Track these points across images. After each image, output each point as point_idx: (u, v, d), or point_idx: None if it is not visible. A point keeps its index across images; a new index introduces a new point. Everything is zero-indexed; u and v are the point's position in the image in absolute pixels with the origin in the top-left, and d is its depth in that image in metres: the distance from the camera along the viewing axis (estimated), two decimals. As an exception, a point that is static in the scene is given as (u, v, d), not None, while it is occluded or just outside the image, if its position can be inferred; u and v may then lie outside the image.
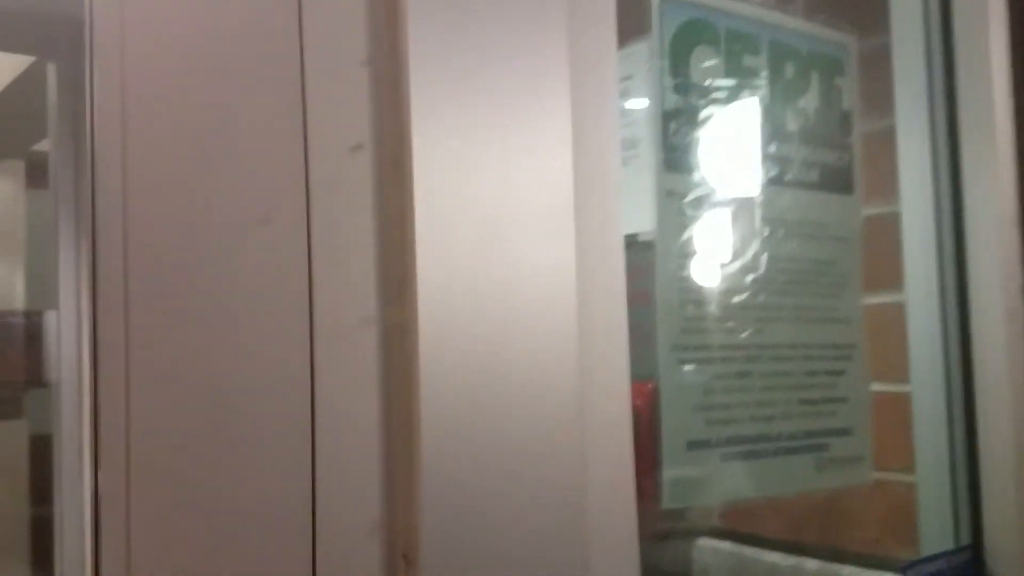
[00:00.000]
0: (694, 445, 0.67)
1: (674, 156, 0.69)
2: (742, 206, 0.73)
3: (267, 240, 0.42)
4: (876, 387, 0.96)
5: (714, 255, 0.71)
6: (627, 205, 0.74)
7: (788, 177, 0.76)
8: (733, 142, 0.73)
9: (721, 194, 0.72)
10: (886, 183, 0.96)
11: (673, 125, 0.69)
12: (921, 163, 0.93)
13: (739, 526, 1.14)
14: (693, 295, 0.68)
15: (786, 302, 0.74)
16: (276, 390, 0.42)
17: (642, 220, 0.68)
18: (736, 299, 0.71)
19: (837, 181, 0.80)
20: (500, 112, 0.48)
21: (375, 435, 0.43)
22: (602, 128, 0.53)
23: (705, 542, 1.18)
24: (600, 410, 0.51)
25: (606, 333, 0.53)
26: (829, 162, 0.79)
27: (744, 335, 0.71)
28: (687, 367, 0.67)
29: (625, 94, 0.99)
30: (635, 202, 0.67)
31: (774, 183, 0.75)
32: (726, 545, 1.16)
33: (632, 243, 0.67)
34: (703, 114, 0.70)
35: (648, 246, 0.67)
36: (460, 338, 0.45)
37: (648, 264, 0.67)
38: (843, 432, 0.77)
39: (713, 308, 0.69)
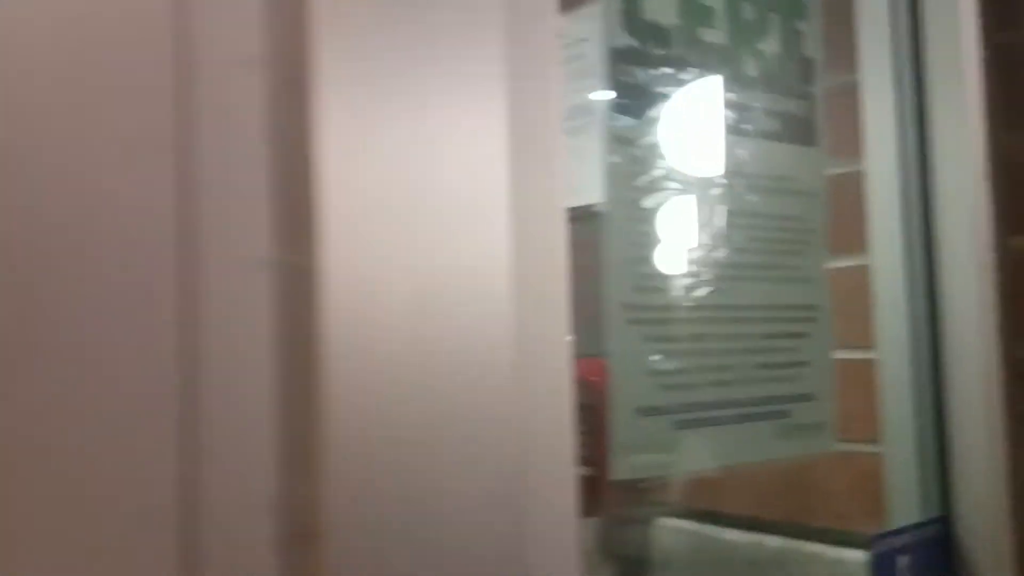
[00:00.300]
0: (645, 411, 0.61)
1: (627, 106, 0.63)
2: (699, 159, 0.67)
3: (137, 171, 0.36)
4: (841, 355, 0.92)
5: (669, 210, 0.65)
6: (584, 174, 0.69)
7: (748, 127, 0.71)
8: (689, 91, 0.67)
9: (676, 147, 0.66)
10: (850, 141, 0.92)
11: (625, 80, 0.63)
12: (887, 119, 0.88)
13: (699, 503, 1.10)
14: (645, 252, 0.63)
15: (746, 260, 0.69)
16: (148, 344, 0.35)
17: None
18: (692, 256, 0.66)
19: (800, 132, 0.75)
20: (425, 43, 0.42)
21: (271, 397, 0.37)
22: (542, 88, 0.48)
23: (664, 521, 1.13)
24: (539, 380, 0.46)
25: (544, 298, 0.47)
26: (791, 112, 0.74)
27: (701, 294, 0.66)
28: (638, 328, 0.62)
29: (581, 57, 0.94)
30: (592, 171, 0.62)
31: (733, 133, 0.70)
32: (686, 524, 1.12)
33: (589, 214, 0.62)
34: (657, 66, 0.65)
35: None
36: (373, 287, 0.39)
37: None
38: (805, 398, 0.72)
39: (667, 266, 0.64)
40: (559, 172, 0.48)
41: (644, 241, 0.63)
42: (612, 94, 0.63)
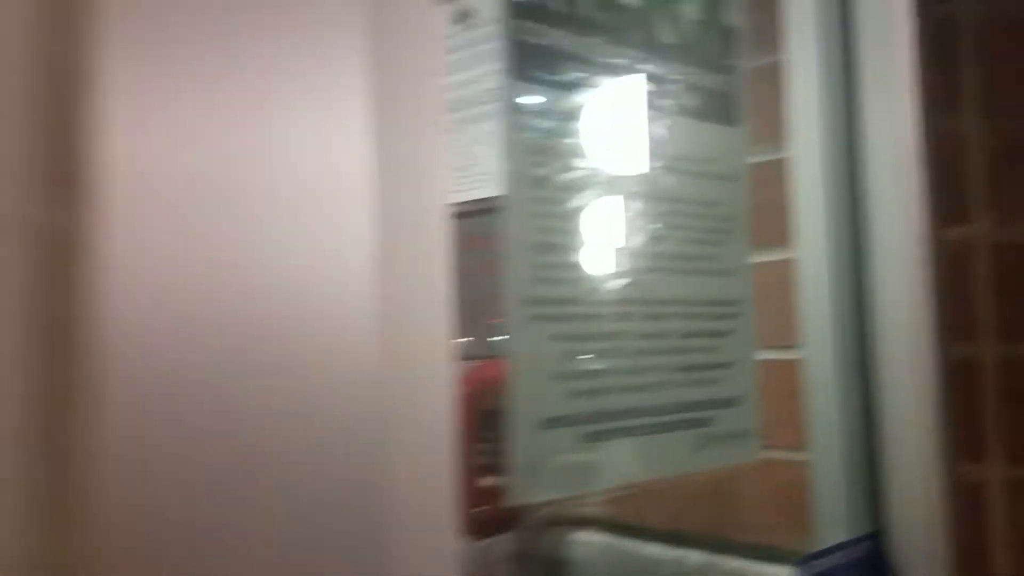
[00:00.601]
0: (551, 422, 0.53)
1: (527, 75, 0.55)
2: (611, 137, 0.60)
3: None
4: (765, 355, 0.85)
5: (578, 193, 0.57)
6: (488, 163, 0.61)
7: (663, 102, 0.63)
8: (599, 60, 0.59)
9: (583, 124, 0.58)
10: (774, 127, 0.85)
11: (528, 44, 0.55)
12: (813, 101, 0.82)
13: (618, 515, 1.03)
14: (550, 238, 0.55)
15: (663, 250, 0.62)
16: None
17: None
18: (604, 245, 0.58)
19: (720, 110, 0.68)
20: (260, 10, 0.34)
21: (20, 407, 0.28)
22: (412, 62, 0.39)
23: (579, 535, 1.06)
24: (410, 384, 0.37)
25: (419, 296, 0.39)
26: (710, 87, 0.67)
27: (614, 287, 0.58)
28: (542, 325, 0.54)
29: (473, 44, 0.85)
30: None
31: (647, 109, 0.62)
32: (603, 538, 1.04)
33: (491, 208, 0.53)
34: (562, 27, 0.57)
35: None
36: (162, 259, 0.30)
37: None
38: (728, 403, 0.65)
39: (574, 257, 0.56)
40: (437, 158, 0.39)
41: (549, 226, 0.55)
42: (511, 63, 0.54)
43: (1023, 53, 0.77)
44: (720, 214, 0.67)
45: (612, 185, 0.59)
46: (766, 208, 0.86)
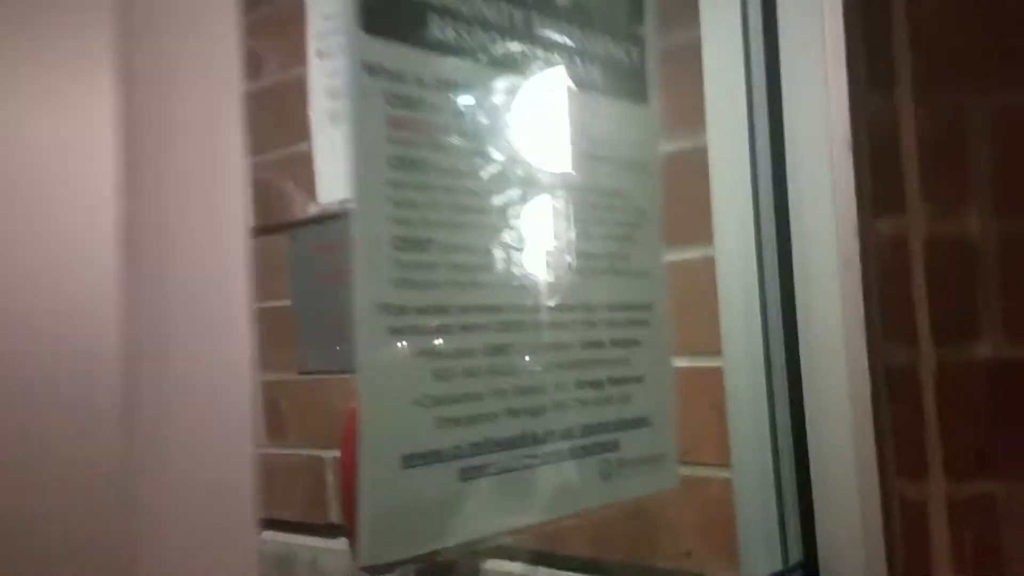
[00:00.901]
0: (413, 460, 0.43)
1: (381, 28, 0.45)
2: (491, 113, 0.50)
3: None
4: (683, 362, 0.77)
5: (449, 180, 0.47)
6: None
7: (558, 73, 0.54)
8: (474, 18, 0.50)
9: (458, 94, 0.48)
10: (690, 112, 0.77)
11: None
12: (732, 82, 0.74)
13: (531, 542, 0.93)
14: (413, 235, 0.45)
15: (559, 248, 0.52)
16: None
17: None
18: (482, 243, 0.48)
19: (627, 85, 0.59)
20: None
21: None
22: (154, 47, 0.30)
23: (492, 564, 0.96)
24: (183, 414, 0.27)
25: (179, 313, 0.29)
26: (615, 57, 0.58)
27: (496, 293, 0.48)
28: (402, 341, 0.44)
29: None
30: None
31: (537, 79, 0.52)
32: (515, 567, 0.95)
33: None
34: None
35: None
36: None
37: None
38: (639, 423, 0.56)
39: (446, 256, 0.46)
40: (219, 160, 0.30)
41: (412, 218, 0.45)
42: (360, 10, 0.44)
43: (964, 21, 0.70)
44: (629, 206, 0.58)
45: (496, 170, 0.49)
46: (683, 201, 0.77)
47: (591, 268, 0.54)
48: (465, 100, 0.48)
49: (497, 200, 0.49)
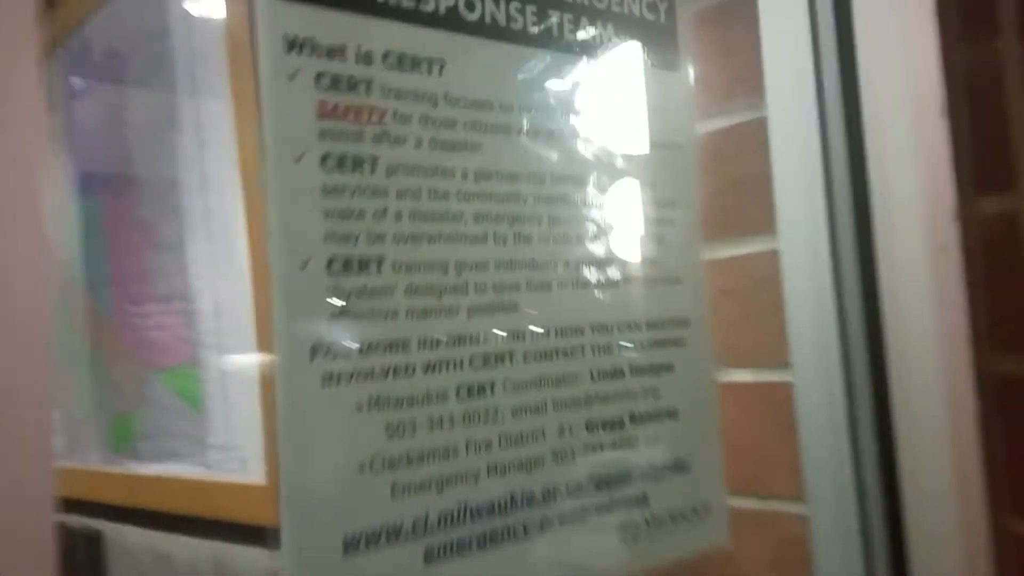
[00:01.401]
0: (361, 542, 0.34)
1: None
2: (467, 92, 0.40)
3: None
4: (743, 376, 0.65)
5: (410, 181, 0.38)
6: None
7: (556, 36, 0.43)
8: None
9: (421, 76, 0.39)
10: (747, 77, 0.65)
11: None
12: (795, 40, 0.61)
13: None
14: (354, 254, 0.35)
15: (557, 253, 0.42)
16: None
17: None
18: (452, 256, 0.38)
19: (651, 46, 0.48)
20: None
21: None
22: None
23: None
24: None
25: None
26: (636, 14, 0.47)
27: (472, 319, 0.38)
28: (342, 388, 0.34)
29: None
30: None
31: (531, 49, 0.42)
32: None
33: None
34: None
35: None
36: None
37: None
38: (674, 468, 0.45)
39: (403, 277, 0.36)
40: None
41: (354, 233, 0.35)
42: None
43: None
44: (655, 195, 0.47)
45: (475, 163, 0.39)
46: (737, 184, 0.65)
47: (604, 277, 0.43)
48: (432, 78, 0.38)
49: (475, 201, 0.39)
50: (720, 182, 0.66)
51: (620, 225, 0.44)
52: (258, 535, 0.88)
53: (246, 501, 0.87)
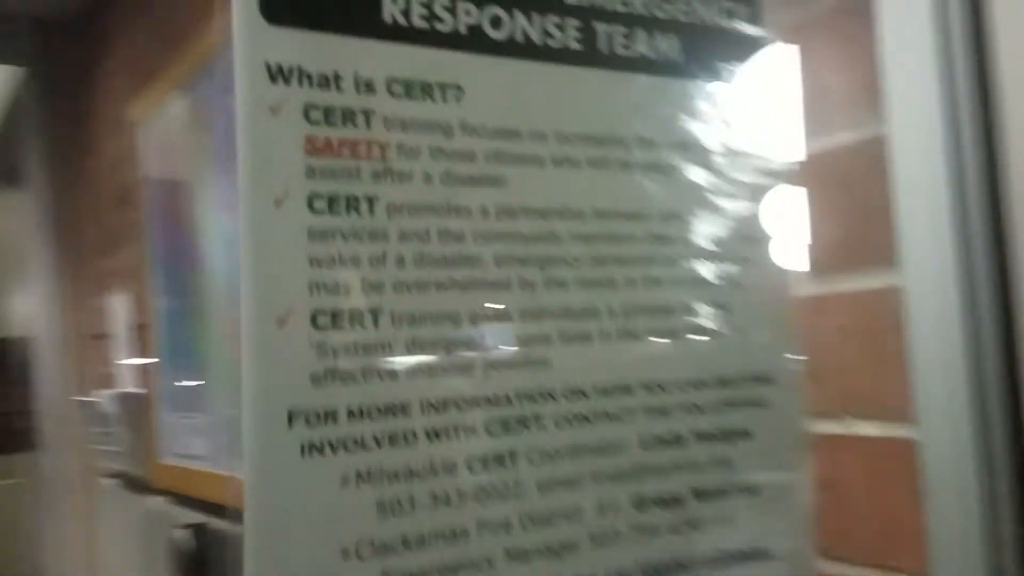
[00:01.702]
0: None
1: (285, 17, 0.32)
2: (485, 121, 0.35)
3: None
4: (860, 428, 0.56)
5: (413, 223, 0.33)
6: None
7: (591, 54, 0.38)
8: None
9: (432, 104, 0.34)
10: (862, 87, 0.57)
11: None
12: (919, 45, 0.53)
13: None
14: (343, 307, 0.31)
15: (602, 300, 0.36)
16: None
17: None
18: (466, 306, 0.34)
19: (726, 59, 0.42)
20: None
21: None
22: None
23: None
24: None
25: None
26: (707, 22, 0.41)
27: (491, 377, 0.33)
28: (326, 460, 0.30)
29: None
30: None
31: (560, 68, 0.37)
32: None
33: None
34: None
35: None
36: None
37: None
38: (751, 556, 0.38)
39: (404, 331, 0.32)
40: None
41: (344, 283, 0.31)
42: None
43: None
44: (731, 231, 0.40)
45: (494, 199, 0.34)
46: (852, 211, 0.57)
47: (659, 327, 0.37)
48: (446, 106, 0.34)
49: (496, 242, 0.34)
50: (832, 207, 0.58)
51: (681, 265, 0.38)
52: None
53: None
